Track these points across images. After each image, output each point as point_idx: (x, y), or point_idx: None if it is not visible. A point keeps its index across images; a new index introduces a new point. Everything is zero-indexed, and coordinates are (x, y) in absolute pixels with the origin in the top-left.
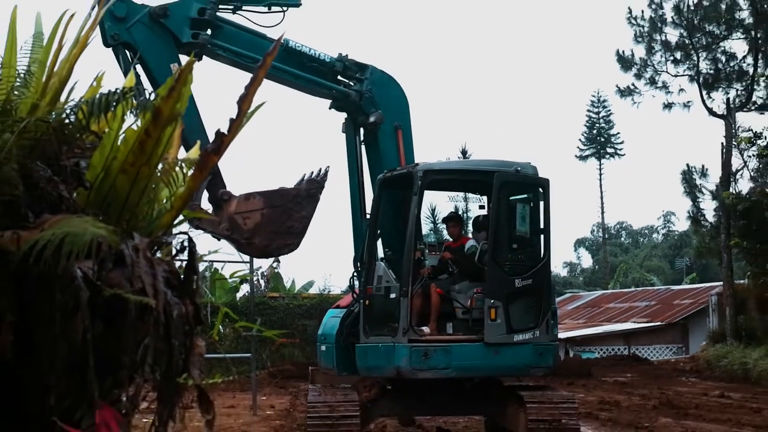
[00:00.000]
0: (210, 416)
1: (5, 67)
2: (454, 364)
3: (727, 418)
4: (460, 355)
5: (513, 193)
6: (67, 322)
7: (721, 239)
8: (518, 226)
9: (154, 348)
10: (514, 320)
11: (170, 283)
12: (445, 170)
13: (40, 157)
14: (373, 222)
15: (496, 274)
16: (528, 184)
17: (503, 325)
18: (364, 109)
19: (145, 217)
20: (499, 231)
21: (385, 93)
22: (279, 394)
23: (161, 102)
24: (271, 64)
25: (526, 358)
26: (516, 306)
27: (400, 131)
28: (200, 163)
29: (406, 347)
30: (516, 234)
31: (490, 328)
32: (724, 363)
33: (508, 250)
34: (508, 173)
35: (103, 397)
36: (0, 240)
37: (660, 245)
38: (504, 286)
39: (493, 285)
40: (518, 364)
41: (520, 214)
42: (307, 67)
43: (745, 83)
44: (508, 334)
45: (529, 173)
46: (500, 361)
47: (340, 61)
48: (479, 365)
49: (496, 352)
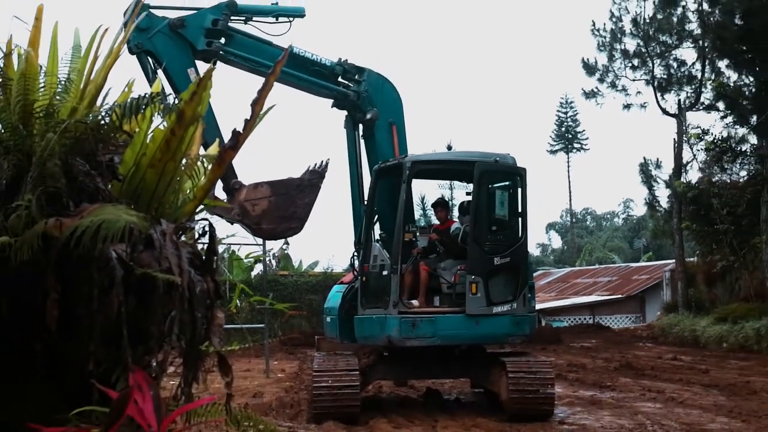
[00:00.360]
0: (229, 379)
1: (48, 75)
2: (439, 333)
3: (679, 378)
4: (445, 325)
5: (493, 180)
6: (104, 297)
7: (674, 223)
8: (497, 210)
9: (180, 320)
10: (493, 294)
11: (193, 263)
12: (431, 161)
13: (80, 154)
14: (369, 207)
15: (476, 253)
16: (506, 172)
17: (483, 299)
18: (362, 108)
19: (171, 205)
20: (479, 214)
21: (380, 93)
22: (289, 360)
23: (184, 105)
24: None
25: (504, 327)
26: (495, 281)
27: (394, 127)
28: (219, 158)
29: (396, 318)
30: (495, 217)
31: (471, 301)
32: (676, 330)
33: (488, 232)
34: (487, 163)
35: (136, 363)
36: (45, 226)
37: (620, 228)
38: (484, 263)
39: (474, 263)
40: (497, 333)
41: (499, 199)
42: (311, 71)
43: (694, 86)
44: (487, 306)
45: (508, 163)
46: (481, 331)
47: (339, 65)
48: (462, 334)
49: (477, 322)
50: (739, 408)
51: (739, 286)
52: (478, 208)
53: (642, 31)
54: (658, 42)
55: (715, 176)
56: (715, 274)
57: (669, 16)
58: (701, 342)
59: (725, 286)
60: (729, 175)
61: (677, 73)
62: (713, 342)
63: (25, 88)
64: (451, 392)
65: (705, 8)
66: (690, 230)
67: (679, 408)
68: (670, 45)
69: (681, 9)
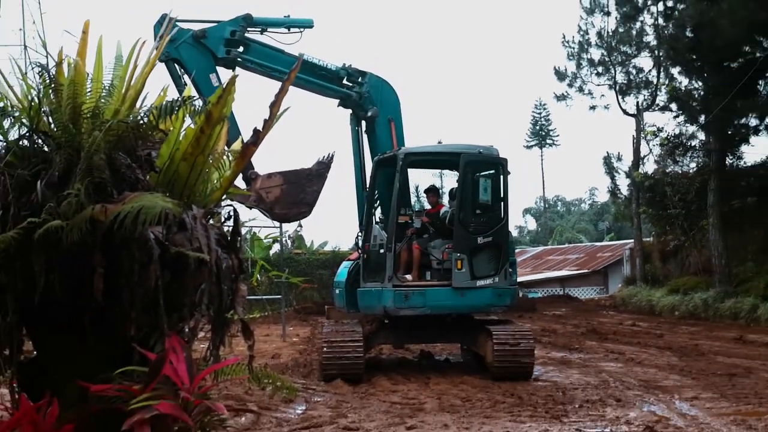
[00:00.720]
0: (250, 342)
1: (94, 81)
2: (428, 304)
3: (637, 342)
4: (433, 297)
5: (477, 169)
6: (143, 273)
7: (633, 208)
8: (481, 195)
9: (209, 292)
10: (477, 269)
11: (220, 243)
12: (422, 152)
13: (122, 149)
14: (370, 193)
15: (461, 233)
16: (489, 162)
17: (468, 273)
18: (364, 107)
19: (200, 193)
20: (464, 199)
21: (380, 93)
22: (302, 326)
23: (212, 107)
24: (269, 63)
25: (487, 299)
26: (479, 258)
27: (393, 123)
28: (242, 152)
29: (391, 291)
30: (479, 202)
31: (456, 276)
32: (634, 300)
33: (472, 215)
34: (472, 154)
35: (171, 329)
36: (92, 212)
37: (587, 212)
38: (468, 242)
39: (459, 242)
40: (480, 303)
41: (483, 186)
42: (319, 75)
43: (650, 90)
44: (471, 280)
45: (491, 154)
46: (466, 302)
47: (343, 70)
48: (448, 305)
49: (462, 294)
50: (689, 367)
51: (689, 262)
52: (463, 194)
53: (605, 43)
54: (619, 52)
55: (668, 168)
56: (668, 251)
57: (629, 29)
58: (656, 310)
59: (677, 262)
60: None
61: (636, 78)
62: (667, 310)
63: (75, 92)
64: (442, 354)
65: (660, 23)
66: (647, 214)
67: (637, 367)
68: (630, 54)
69: (639, 23)
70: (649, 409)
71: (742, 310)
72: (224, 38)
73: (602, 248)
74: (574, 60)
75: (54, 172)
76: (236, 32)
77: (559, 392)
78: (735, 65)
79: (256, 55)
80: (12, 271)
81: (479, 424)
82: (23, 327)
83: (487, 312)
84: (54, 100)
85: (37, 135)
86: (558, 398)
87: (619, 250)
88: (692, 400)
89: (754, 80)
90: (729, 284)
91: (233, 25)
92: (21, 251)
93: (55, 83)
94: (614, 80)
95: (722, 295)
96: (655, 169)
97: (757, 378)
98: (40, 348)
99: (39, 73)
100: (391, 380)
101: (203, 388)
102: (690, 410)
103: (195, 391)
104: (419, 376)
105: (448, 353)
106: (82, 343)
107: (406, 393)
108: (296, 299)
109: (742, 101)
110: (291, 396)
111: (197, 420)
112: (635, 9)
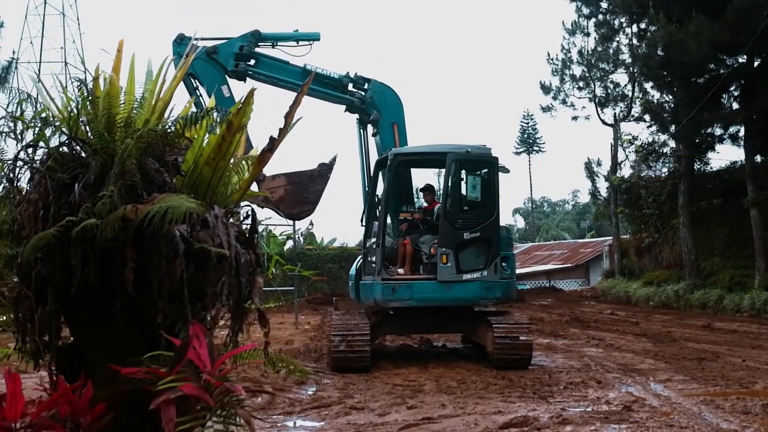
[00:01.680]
0: (266, 329)
1: (127, 94)
2: (415, 297)
3: (616, 329)
4: (420, 289)
5: (466, 168)
6: (170, 266)
7: (611, 208)
8: (469, 192)
9: (229, 283)
10: (463, 263)
11: (239, 240)
12: (412, 153)
13: (151, 155)
14: (371, 193)
15: (446, 229)
16: (479, 161)
17: (453, 267)
18: (367, 111)
19: (221, 195)
20: (451, 197)
21: (383, 98)
22: (313, 314)
23: (232, 117)
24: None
25: (474, 291)
26: (465, 253)
27: (396, 126)
28: (259, 158)
29: (380, 284)
30: (468, 199)
31: (441, 270)
32: (613, 291)
33: (459, 211)
34: (459, 153)
35: (194, 317)
36: (124, 211)
37: (570, 212)
38: (453, 238)
39: (444, 237)
40: (468, 296)
41: (471, 183)
42: (325, 84)
43: (626, 103)
44: (457, 273)
45: (482, 153)
46: (452, 294)
47: (347, 78)
48: (434, 297)
49: (448, 287)
50: (663, 352)
51: (662, 257)
52: (449, 191)
53: (586, 60)
54: (598, 68)
55: (642, 172)
56: (643, 247)
57: (607, 48)
58: (633, 301)
59: (651, 257)
60: (653, 172)
61: (613, 92)
62: (642, 301)
63: (109, 104)
64: (440, 341)
65: (634, 42)
66: (623, 214)
67: (616, 352)
68: (608, 71)
69: (616, 43)
70: (626, 390)
71: (709, 300)
72: (233, 53)
73: (584, 245)
74: (557, 75)
75: (90, 175)
76: (244, 47)
77: (545, 375)
78: (701, 80)
79: (264, 68)
80: (52, 265)
81: (473, 404)
82: (61, 315)
83: (477, 304)
84: (91, 111)
85: (75, 142)
86: (544, 380)
87: (599, 246)
88: (665, 382)
89: (719, 94)
90: (698, 277)
91: (242, 40)
92: (60, 247)
93: (92, 96)
94: (594, 94)
95: (692, 287)
96: (631, 173)
97: (723, 362)
98: (76, 334)
99: (78, 86)
100: (394, 364)
101: (223, 371)
102: (663, 391)
103: (216, 374)
104: (419, 360)
105: (445, 340)
106: (114, 330)
107: (407, 376)
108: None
109: (708, 113)
110: (303, 378)
111: (218, 400)
112: (612, 30)
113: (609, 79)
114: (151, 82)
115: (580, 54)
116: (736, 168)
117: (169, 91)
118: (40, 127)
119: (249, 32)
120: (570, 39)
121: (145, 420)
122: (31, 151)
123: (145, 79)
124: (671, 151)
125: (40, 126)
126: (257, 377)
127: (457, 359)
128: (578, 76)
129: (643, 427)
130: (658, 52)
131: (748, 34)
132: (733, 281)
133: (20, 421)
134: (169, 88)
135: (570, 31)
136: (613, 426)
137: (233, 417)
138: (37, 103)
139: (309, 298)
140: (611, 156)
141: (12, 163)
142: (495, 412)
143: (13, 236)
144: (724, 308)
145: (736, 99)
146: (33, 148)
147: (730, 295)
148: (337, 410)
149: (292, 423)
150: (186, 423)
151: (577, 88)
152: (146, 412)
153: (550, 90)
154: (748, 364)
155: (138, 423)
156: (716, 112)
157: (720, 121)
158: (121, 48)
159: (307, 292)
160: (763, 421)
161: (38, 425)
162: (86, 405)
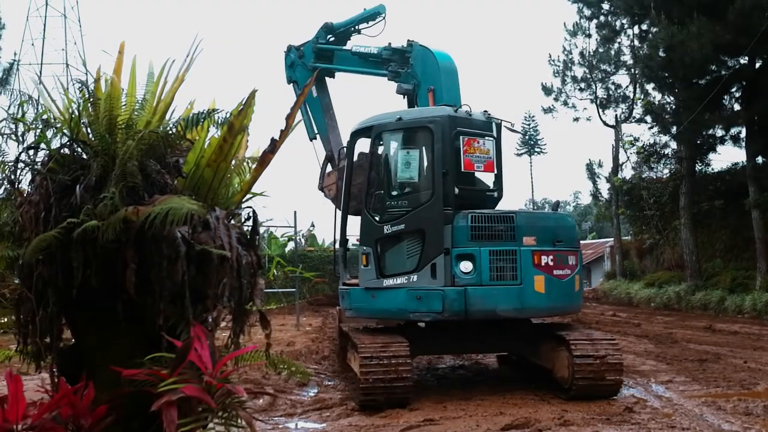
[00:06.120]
0: (267, 331)
1: (128, 96)
2: (352, 306)
3: (617, 330)
4: (353, 298)
5: (397, 141)
6: (171, 267)
7: (612, 209)
8: (400, 173)
9: (230, 285)
10: (385, 266)
11: (240, 241)
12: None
13: (152, 157)
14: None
15: (365, 222)
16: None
17: (373, 271)
18: (406, 81)
19: (223, 196)
20: (369, 180)
21: (423, 63)
22: (315, 316)
23: (233, 119)
24: (345, 65)
25: (399, 302)
26: (391, 252)
27: (431, 93)
28: (260, 160)
29: (340, 291)
30: (399, 181)
31: (362, 274)
32: (615, 293)
33: (385, 198)
34: (386, 123)
35: (196, 319)
36: (126, 213)
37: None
38: (372, 232)
39: (363, 233)
40: (390, 307)
41: (403, 160)
42: (367, 61)
43: (627, 104)
44: (377, 279)
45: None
46: (376, 305)
47: (386, 50)
48: (362, 307)
49: (372, 296)
50: (664, 353)
51: (663, 259)
52: (372, 173)
53: (587, 62)
54: (599, 70)
55: (644, 174)
56: (645, 249)
57: (608, 50)
58: (634, 302)
59: (652, 259)
60: (655, 173)
61: (614, 93)
62: (643, 302)
63: (111, 106)
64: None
65: (636, 44)
66: (625, 215)
67: None
68: (609, 72)
69: (617, 44)
70: (628, 392)
71: (711, 301)
72: (313, 52)
73: (585, 246)
74: (559, 77)
75: (91, 177)
76: (319, 43)
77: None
78: (703, 82)
79: (338, 61)
80: (53, 267)
81: (474, 405)
82: (63, 317)
83: (404, 318)
84: (92, 112)
85: (76, 144)
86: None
87: (600, 247)
88: (667, 383)
89: (720, 95)
90: (699, 278)
91: (316, 38)
92: (61, 248)
93: (94, 98)
94: (595, 95)
95: (693, 288)
96: (632, 174)
97: (725, 363)
98: (77, 336)
99: (79, 88)
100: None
101: (225, 373)
102: (665, 393)
103: (217, 375)
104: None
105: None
106: (116, 331)
107: None
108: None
109: (710, 114)
110: (304, 380)
111: (219, 402)
112: (613, 32)
113: (610, 81)
114: (152, 83)
115: (581, 55)
116: (737, 169)
117: (170, 93)
118: (42, 128)
119: (320, 28)
120: (571, 40)
121: (147, 422)
122: (32, 152)
123: (146, 80)
124: (672, 153)
125: (41, 128)
126: (258, 379)
127: (455, 357)
128: (580, 77)
129: (645, 429)
130: (659, 53)
131: (749, 36)
132: (735, 283)
133: (22, 423)
134: (171, 90)
135: (571, 32)
136: (614, 427)
137: (235, 419)
138: (38, 105)
139: (310, 299)
140: (612, 157)
141: (13, 164)
142: (496, 414)
143: (15, 238)
144: (726, 310)
145: (738, 100)
146: (34, 149)
147: (731, 297)
148: (338, 412)
149: (294, 425)
150: (187, 425)
151: (578, 89)
152: (148, 414)
153: (551, 91)
154: (749, 366)
155: (139, 425)
156: (718, 113)
157: (721, 123)
158: (122, 50)
159: (309, 294)
160: (764, 422)
161: (40, 427)
162: (88, 407)
